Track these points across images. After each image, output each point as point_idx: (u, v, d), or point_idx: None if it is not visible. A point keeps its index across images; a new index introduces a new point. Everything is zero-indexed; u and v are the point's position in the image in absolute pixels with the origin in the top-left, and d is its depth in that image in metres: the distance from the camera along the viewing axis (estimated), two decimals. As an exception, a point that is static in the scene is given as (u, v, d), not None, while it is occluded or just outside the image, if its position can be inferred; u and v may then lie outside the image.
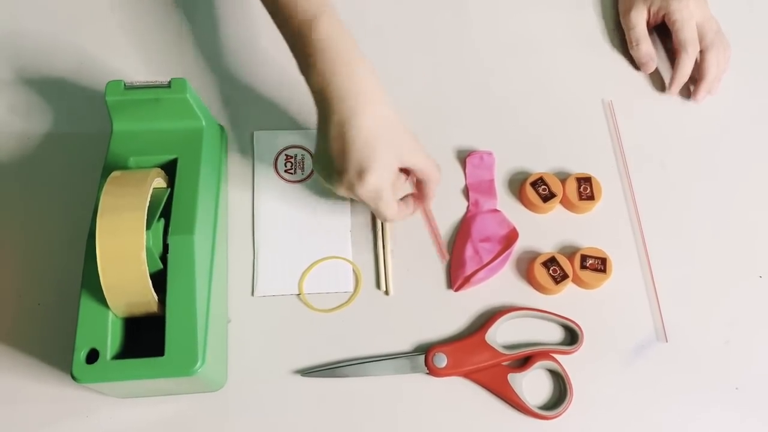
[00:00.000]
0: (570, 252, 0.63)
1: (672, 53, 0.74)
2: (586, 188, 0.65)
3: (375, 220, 0.64)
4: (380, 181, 0.54)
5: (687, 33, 0.70)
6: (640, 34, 0.73)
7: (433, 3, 0.77)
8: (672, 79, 0.71)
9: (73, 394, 0.56)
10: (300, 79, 0.70)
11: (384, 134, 0.54)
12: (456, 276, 0.62)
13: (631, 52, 0.73)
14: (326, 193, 0.64)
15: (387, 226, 0.64)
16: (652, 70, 0.73)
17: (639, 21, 0.73)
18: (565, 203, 0.66)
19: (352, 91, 0.53)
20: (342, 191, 0.56)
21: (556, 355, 0.59)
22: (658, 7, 0.73)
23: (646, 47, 0.72)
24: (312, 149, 0.67)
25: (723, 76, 0.72)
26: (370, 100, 0.54)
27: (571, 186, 0.65)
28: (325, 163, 0.56)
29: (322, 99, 0.54)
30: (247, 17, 0.74)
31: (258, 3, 0.74)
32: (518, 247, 0.64)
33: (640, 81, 0.74)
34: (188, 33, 0.72)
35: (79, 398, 0.56)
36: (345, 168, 0.54)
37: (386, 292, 0.62)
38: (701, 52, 0.71)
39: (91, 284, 0.49)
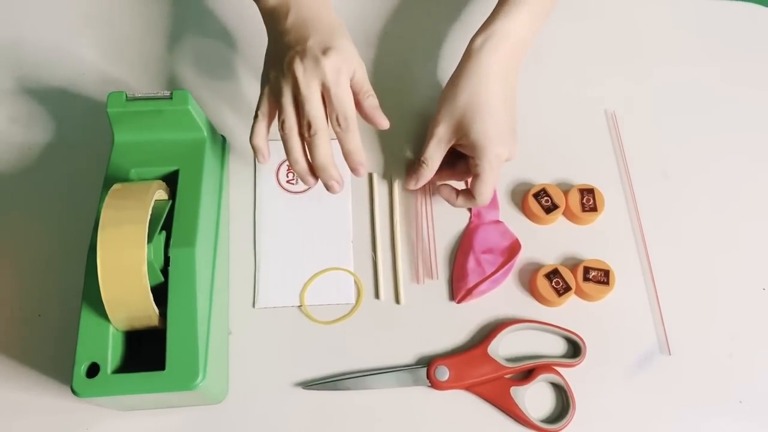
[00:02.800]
0: (573, 264, 0.63)
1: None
2: (589, 199, 0.65)
3: (374, 232, 0.64)
4: (342, 62, 0.53)
5: (481, 191, 0.59)
6: (426, 174, 0.62)
7: (436, 12, 0.77)
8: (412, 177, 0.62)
9: (73, 406, 0.56)
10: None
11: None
12: (458, 288, 0.61)
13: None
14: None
15: (397, 235, 0.64)
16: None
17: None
18: (568, 215, 0.65)
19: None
20: (300, 69, 0.53)
21: (558, 368, 0.59)
22: (468, 146, 0.60)
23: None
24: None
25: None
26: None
27: (574, 197, 0.65)
28: (280, 50, 0.55)
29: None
30: (249, 28, 0.74)
31: (257, 13, 0.74)
32: (521, 258, 0.63)
33: (643, 92, 0.73)
34: (190, 44, 0.72)
35: (80, 411, 0.56)
36: (307, 45, 0.54)
37: (388, 304, 0.61)
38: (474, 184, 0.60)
39: (92, 297, 0.49)
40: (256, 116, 0.56)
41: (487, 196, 0.60)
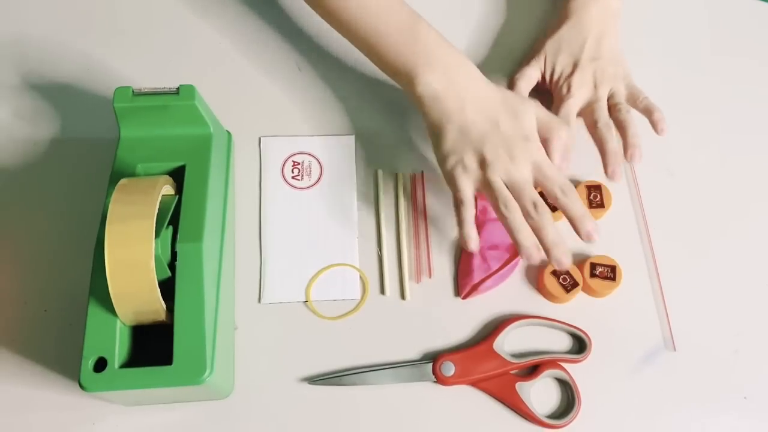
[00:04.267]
0: (579, 260, 0.63)
1: None
2: (597, 196, 0.65)
3: (380, 227, 0.64)
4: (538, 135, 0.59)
5: (597, 114, 0.64)
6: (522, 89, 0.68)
7: (440, 13, 0.76)
8: (605, 164, 0.62)
9: (78, 401, 0.56)
10: (305, 85, 0.70)
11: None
12: (464, 284, 0.61)
13: None
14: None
15: (402, 231, 0.64)
16: None
17: (524, 83, 0.68)
18: (574, 211, 0.65)
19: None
20: (506, 158, 0.57)
21: (564, 364, 0.59)
22: (559, 75, 0.67)
23: None
24: (319, 156, 0.67)
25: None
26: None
27: (582, 193, 0.65)
28: (470, 135, 0.58)
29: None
30: (255, 23, 0.74)
31: (262, 9, 0.74)
32: (526, 255, 0.63)
33: (647, 88, 0.73)
34: (196, 38, 0.72)
35: (85, 406, 0.56)
36: (503, 131, 0.58)
37: (393, 300, 0.62)
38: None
39: (99, 292, 0.49)
40: (462, 203, 0.58)
41: (569, 112, 0.65)
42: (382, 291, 0.62)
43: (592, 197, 0.64)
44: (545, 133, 0.60)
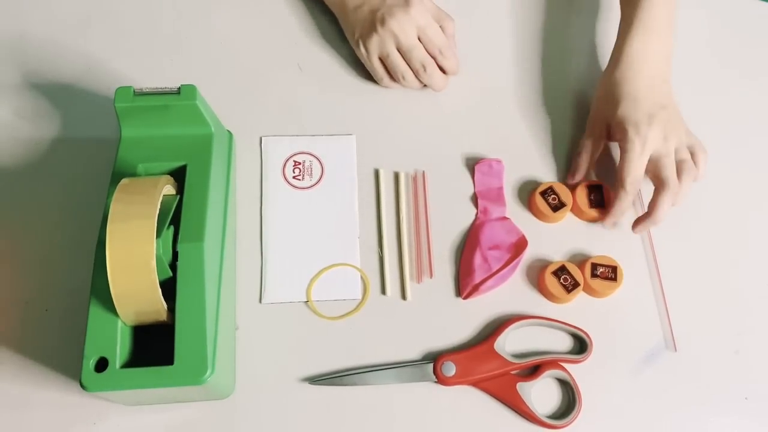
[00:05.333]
0: (580, 260, 0.63)
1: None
2: (597, 196, 0.64)
3: (381, 227, 0.64)
4: (422, 3, 0.66)
5: (630, 168, 0.61)
6: (581, 163, 0.66)
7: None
8: (607, 214, 0.63)
9: (80, 401, 0.56)
10: (306, 85, 0.70)
11: None
12: (465, 284, 0.62)
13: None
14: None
15: (403, 231, 0.64)
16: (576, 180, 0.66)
17: (585, 153, 0.66)
18: (576, 211, 0.65)
19: None
20: (396, 25, 0.65)
21: (565, 364, 0.59)
22: (614, 130, 0.64)
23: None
24: (320, 156, 0.67)
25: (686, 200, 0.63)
26: None
27: (581, 194, 0.65)
28: (364, 22, 0.67)
29: None
30: (256, 23, 0.74)
31: (263, 9, 0.74)
32: (528, 255, 0.63)
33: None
34: (198, 38, 0.72)
35: (87, 405, 0.56)
36: (388, 4, 0.66)
37: (394, 300, 0.62)
38: (656, 189, 0.62)
39: (101, 292, 0.49)
40: (382, 81, 0.68)
41: (633, 178, 0.61)
42: (383, 291, 0.62)
43: (592, 197, 0.64)
44: (438, 20, 0.68)
